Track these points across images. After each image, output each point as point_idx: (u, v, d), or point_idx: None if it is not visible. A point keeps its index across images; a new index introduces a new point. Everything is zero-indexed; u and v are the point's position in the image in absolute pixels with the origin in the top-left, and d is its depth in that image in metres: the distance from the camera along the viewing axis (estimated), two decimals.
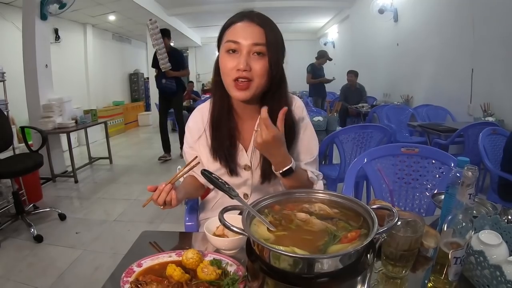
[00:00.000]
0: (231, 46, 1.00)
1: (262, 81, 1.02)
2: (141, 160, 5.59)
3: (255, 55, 0.99)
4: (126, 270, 0.84)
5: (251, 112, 1.14)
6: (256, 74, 1.00)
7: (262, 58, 1.00)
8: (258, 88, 1.03)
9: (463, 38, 4.32)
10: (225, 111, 1.13)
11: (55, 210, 3.23)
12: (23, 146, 3.79)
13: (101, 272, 2.26)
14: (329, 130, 3.29)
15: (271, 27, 1.02)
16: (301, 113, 1.21)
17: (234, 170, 1.16)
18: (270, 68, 1.00)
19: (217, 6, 8.11)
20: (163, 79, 5.12)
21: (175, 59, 5.09)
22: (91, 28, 8.28)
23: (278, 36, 1.04)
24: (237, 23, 1.02)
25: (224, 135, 1.13)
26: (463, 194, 0.74)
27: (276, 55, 1.01)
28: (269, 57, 1.00)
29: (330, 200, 0.83)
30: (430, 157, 1.53)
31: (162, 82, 5.13)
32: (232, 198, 0.83)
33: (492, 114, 3.75)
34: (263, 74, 1.00)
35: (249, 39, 0.98)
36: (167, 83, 5.13)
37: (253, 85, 1.01)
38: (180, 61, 5.32)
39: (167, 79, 5.11)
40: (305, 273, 0.61)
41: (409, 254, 0.78)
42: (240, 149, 1.16)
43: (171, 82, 5.15)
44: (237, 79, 1.00)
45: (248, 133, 1.16)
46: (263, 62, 1.00)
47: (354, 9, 8.47)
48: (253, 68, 0.99)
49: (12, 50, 5.14)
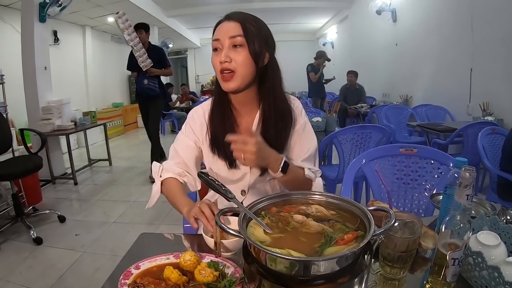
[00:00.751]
0: (214, 44, 1.08)
1: (246, 70, 1.06)
2: (140, 162, 5.58)
3: (235, 47, 1.05)
4: (124, 273, 0.84)
5: (249, 107, 1.19)
6: (238, 64, 1.04)
7: (242, 49, 1.04)
8: (244, 78, 1.07)
9: (462, 38, 4.32)
10: (223, 106, 1.18)
11: (55, 212, 3.23)
12: (23, 149, 3.79)
13: (101, 274, 2.26)
14: (328, 131, 3.29)
15: (249, 21, 1.06)
16: (300, 114, 1.23)
17: (233, 164, 1.18)
18: (252, 57, 1.05)
19: (216, 7, 8.11)
20: (145, 79, 4.36)
21: (156, 56, 4.40)
22: (90, 30, 8.27)
23: (259, 28, 1.08)
24: (220, 24, 1.08)
25: (223, 129, 1.15)
26: (460, 195, 0.74)
27: (257, 45, 1.05)
28: (249, 46, 1.04)
29: (327, 201, 0.83)
30: (428, 157, 1.53)
31: (144, 83, 4.37)
32: (228, 200, 0.83)
33: (491, 113, 3.75)
34: (245, 64, 1.05)
35: (227, 34, 1.05)
36: (150, 84, 4.40)
37: (237, 75, 1.05)
38: (162, 58, 4.56)
39: (150, 80, 4.39)
40: (301, 276, 0.61)
41: (407, 256, 0.78)
42: None
43: (154, 83, 4.44)
44: (222, 71, 1.06)
45: (246, 128, 1.19)
46: (243, 52, 1.04)
47: (353, 9, 8.47)
48: (234, 59, 1.04)
49: (11, 52, 5.13)
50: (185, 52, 14.16)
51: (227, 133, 1.11)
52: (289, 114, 1.18)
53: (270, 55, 1.11)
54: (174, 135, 6.68)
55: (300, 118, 1.23)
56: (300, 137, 1.22)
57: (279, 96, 1.15)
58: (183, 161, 1.23)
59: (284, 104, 1.17)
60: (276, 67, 1.14)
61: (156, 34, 9.11)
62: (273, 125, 1.14)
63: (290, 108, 1.19)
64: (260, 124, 1.16)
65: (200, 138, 1.23)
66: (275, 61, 1.14)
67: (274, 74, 1.13)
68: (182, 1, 8.02)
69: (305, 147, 1.22)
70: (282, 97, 1.17)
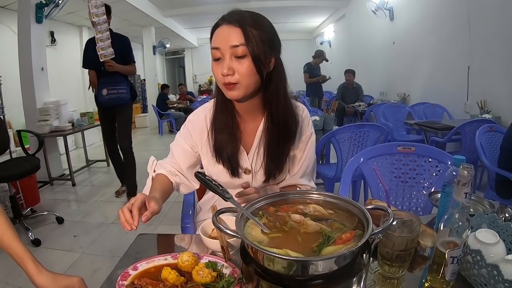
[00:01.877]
0: (215, 54, 0.99)
1: (250, 81, 0.99)
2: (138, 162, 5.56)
3: (237, 57, 0.97)
4: (122, 274, 0.84)
5: (253, 114, 1.13)
6: (242, 76, 0.97)
7: (245, 59, 0.97)
8: (248, 87, 1.00)
9: (459, 36, 4.32)
10: (227, 113, 1.12)
11: (53, 214, 3.23)
12: (20, 150, 3.77)
13: (99, 275, 2.25)
14: (326, 130, 3.29)
15: (250, 24, 0.97)
16: (307, 125, 1.20)
17: (235, 172, 1.15)
18: (256, 66, 0.98)
19: (213, 7, 8.09)
20: (103, 89, 3.41)
21: (119, 47, 3.42)
22: (87, 31, 8.24)
23: (262, 30, 0.99)
24: (218, 28, 1.00)
25: (226, 137, 1.11)
26: (459, 193, 0.74)
27: (261, 52, 0.97)
28: (252, 55, 0.96)
29: (324, 201, 0.82)
30: (426, 156, 1.53)
31: (103, 93, 3.41)
32: (226, 200, 0.83)
33: (489, 111, 3.75)
34: (248, 74, 0.98)
35: (228, 42, 0.96)
36: (113, 92, 3.43)
37: (241, 85, 0.99)
38: (127, 50, 3.54)
39: (112, 86, 3.42)
40: (299, 275, 0.61)
41: (405, 254, 0.77)
42: (241, 151, 1.15)
43: (120, 88, 3.46)
44: (225, 84, 0.99)
45: (250, 136, 1.15)
46: (246, 62, 0.97)
47: (350, 8, 8.47)
48: (237, 71, 0.97)
49: (8, 53, 5.11)
50: (183, 52, 14.17)
51: (230, 140, 1.11)
52: (294, 122, 1.13)
53: (276, 58, 1.04)
54: (172, 135, 6.67)
55: (307, 129, 1.20)
56: (305, 149, 1.20)
57: (284, 103, 1.09)
58: (177, 162, 1.21)
59: (289, 111, 1.11)
60: (282, 70, 1.07)
61: (153, 34, 9.11)
62: (277, 133, 1.10)
63: (295, 115, 1.13)
64: (265, 131, 1.12)
65: (199, 143, 1.18)
66: (281, 64, 1.07)
67: (279, 78, 1.06)
68: (179, 1, 8.01)
69: (305, 162, 1.21)
70: (287, 104, 1.11)
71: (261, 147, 1.13)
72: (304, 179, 1.21)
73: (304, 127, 1.18)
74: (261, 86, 1.04)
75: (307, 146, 1.20)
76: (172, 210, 3.28)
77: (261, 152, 1.13)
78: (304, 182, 1.20)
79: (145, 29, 9.00)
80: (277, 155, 1.09)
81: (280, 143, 1.11)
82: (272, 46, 1.02)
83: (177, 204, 3.44)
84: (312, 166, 1.24)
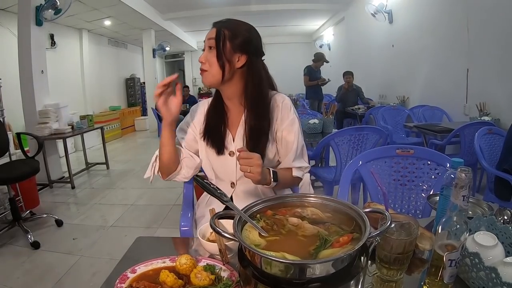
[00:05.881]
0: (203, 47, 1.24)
1: (214, 70, 1.19)
2: (138, 165, 5.57)
3: (210, 48, 1.19)
4: (120, 276, 0.84)
5: (235, 103, 1.30)
6: (209, 64, 1.19)
7: (214, 51, 1.18)
8: (214, 76, 1.19)
9: (458, 39, 4.33)
10: (218, 101, 1.33)
11: (52, 216, 3.22)
12: (20, 153, 3.77)
13: (98, 278, 2.24)
14: (325, 133, 3.29)
15: (225, 26, 1.19)
16: (289, 110, 1.31)
17: (221, 150, 1.30)
18: (218, 58, 1.17)
19: (213, 10, 8.13)
20: None
21: None
22: (86, 33, 8.27)
23: (237, 33, 1.19)
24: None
25: (214, 119, 1.31)
26: (457, 196, 0.73)
27: (227, 47, 1.17)
28: (217, 48, 1.17)
29: (322, 204, 0.82)
30: (425, 158, 1.53)
31: None
32: (223, 203, 0.83)
33: (488, 113, 3.75)
34: (212, 64, 1.18)
35: (207, 37, 1.20)
36: None
37: (208, 73, 1.20)
38: None
39: None
40: (297, 279, 0.60)
41: (403, 257, 0.77)
42: (227, 135, 1.31)
43: None
44: (200, 70, 1.22)
45: (235, 124, 1.31)
46: (214, 53, 1.18)
47: (349, 11, 8.49)
48: (207, 60, 1.19)
49: (7, 56, 5.13)
50: (182, 55, 14.20)
51: (217, 123, 1.30)
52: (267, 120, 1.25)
53: (249, 57, 1.21)
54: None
55: (289, 114, 1.30)
56: (291, 133, 1.29)
57: (258, 95, 1.24)
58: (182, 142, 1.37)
59: (263, 102, 1.25)
60: (255, 69, 1.23)
61: (153, 37, 9.13)
62: (255, 123, 1.24)
63: (269, 107, 1.27)
64: (246, 122, 1.26)
65: (197, 126, 1.35)
66: (255, 63, 1.23)
67: (250, 75, 1.23)
68: (179, 4, 8.02)
69: (295, 145, 1.29)
70: (261, 96, 1.25)
71: (244, 134, 1.27)
72: (297, 161, 1.31)
73: (284, 115, 1.30)
74: (228, 76, 1.20)
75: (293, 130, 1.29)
76: (171, 213, 3.28)
77: (244, 139, 1.26)
78: (298, 165, 1.31)
79: (145, 32, 9.02)
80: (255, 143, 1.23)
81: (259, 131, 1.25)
82: (245, 46, 1.20)
83: (176, 207, 3.46)
84: (301, 148, 1.34)
